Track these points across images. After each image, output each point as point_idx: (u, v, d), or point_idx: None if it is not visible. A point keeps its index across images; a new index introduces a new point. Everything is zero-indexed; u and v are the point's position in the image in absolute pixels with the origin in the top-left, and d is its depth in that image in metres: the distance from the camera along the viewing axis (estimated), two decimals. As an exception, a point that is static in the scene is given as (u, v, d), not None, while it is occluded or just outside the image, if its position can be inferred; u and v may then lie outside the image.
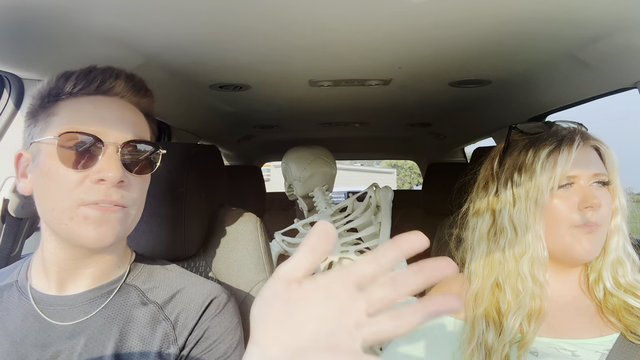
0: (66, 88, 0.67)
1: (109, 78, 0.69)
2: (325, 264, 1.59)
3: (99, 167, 0.64)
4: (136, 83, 0.72)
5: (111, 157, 0.65)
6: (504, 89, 1.30)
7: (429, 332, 0.81)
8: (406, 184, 24.19)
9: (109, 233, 0.65)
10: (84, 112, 0.66)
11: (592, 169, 0.75)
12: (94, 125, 0.65)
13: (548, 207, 0.75)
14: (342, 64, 1.08)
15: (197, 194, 0.97)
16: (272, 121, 1.97)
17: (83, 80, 0.67)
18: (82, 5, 0.70)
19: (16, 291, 0.73)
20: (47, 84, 0.69)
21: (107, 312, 0.72)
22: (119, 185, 0.65)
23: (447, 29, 0.84)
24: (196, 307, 0.75)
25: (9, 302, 0.72)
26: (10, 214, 0.96)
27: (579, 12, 0.76)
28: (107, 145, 0.65)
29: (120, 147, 0.66)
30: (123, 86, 0.70)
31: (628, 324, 0.72)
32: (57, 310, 0.70)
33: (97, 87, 0.68)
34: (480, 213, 0.84)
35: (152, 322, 0.72)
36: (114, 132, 0.66)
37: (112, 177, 0.63)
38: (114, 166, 0.64)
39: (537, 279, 0.75)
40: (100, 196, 0.64)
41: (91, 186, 0.64)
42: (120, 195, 0.66)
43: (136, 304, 0.74)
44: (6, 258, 0.98)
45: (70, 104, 0.67)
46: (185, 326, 0.73)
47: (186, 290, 0.77)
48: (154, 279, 0.78)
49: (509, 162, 0.81)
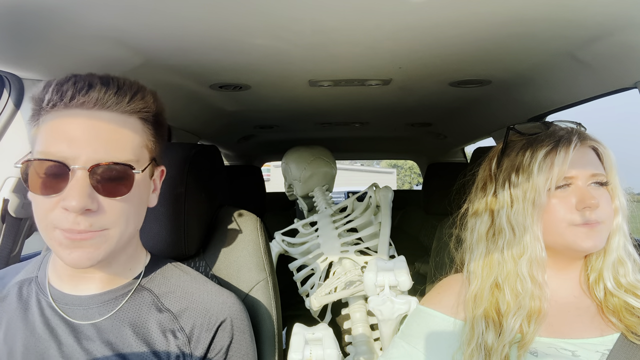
0: (45, 100, 0.64)
1: (82, 89, 0.63)
2: (325, 264, 1.60)
3: (65, 194, 0.61)
4: (121, 88, 0.65)
5: (76, 184, 0.61)
6: (504, 89, 1.30)
7: (429, 333, 0.81)
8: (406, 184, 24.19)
9: (84, 257, 0.63)
10: (57, 133, 0.62)
11: (590, 169, 0.75)
12: (63, 149, 0.61)
13: (546, 208, 0.75)
14: (342, 64, 1.08)
15: (197, 194, 0.97)
16: (272, 121, 1.97)
17: (57, 94, 0.63)
18: (82, 6, 0.70)
19: (35, 286, 0.74)
20: (41, 91, 0.65)
21: (121, 315, 0.72)
22: (87, 213, 0.62)
23: (447, 29, 0.84)
24: (211, 321, 0.75)
25: (28, 297, 0.73)
26: (10, 214, 0.96)
27: (579, 12, 0.76)
28: (73, 170, 0.61)
29: (89, 171, 0.62)
30: (98, 94, 0.63)
31: (629, 324, 0.72)
32: (72, 309, 0.71)
33: (69, 101, 0.62)
34: (478, 214, 0.84)
35: (167, 330, 0.73)
36: (84, 153, 0.62)
37: (74, 206, 0.60)
38: (77, 195, 0.60)
39: (536, 279, 0.75)
40: (69, 225, 0.61)
41: (62, 212, 0.61)
42: (89, 223, 0.62)
43: (151, 309, 0.74)
44: (6, 258, 0.98)
45: (49, 120, 0.64)
46: (199, 340, 0.74)
47: (201, 300, 0.77)
48: (168, 283, 0.79)
49: (506, 162, 0.81)
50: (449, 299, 0.83)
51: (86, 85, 0.63)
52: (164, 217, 0.92)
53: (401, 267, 1.21)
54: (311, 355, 0.99)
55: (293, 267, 1.70)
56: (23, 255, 1.03)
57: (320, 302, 1.41)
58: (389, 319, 1.15)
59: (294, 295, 1.73)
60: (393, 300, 1.15)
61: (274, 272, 1.02)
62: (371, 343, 1.40)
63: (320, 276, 1.58)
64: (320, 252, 1.62)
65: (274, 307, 0.97)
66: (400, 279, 1.17)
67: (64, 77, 0.65)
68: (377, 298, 1.17)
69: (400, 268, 1.20)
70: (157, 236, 0.92)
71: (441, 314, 0.82)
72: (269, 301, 0.97)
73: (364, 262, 1.55)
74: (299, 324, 1.09)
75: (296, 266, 1.69)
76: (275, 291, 1.00)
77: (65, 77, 0.65)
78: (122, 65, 0.96)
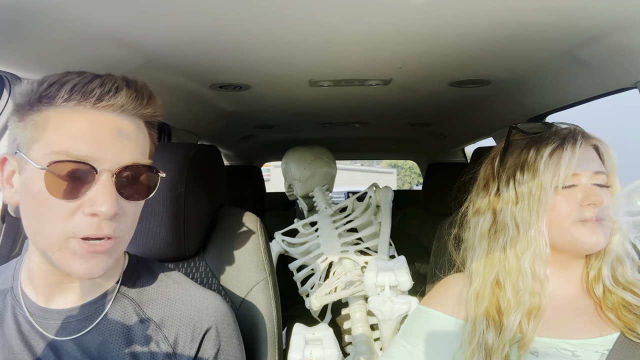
0: (59, 96, 0.59)
1: (108, 92, 0.60)
2: (325, 264, 1.60)
3: (92, 198, 0.58)
4: (139, 92, 0.64)
5: (105, 187, 0.58)
6: (504, 89, 1.31)
7: (430, 332, 0.81)
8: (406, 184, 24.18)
9: (98, 267, 0.61)
10: (76, 133, 0.59)
11: (593, 167, 0.76)
12: (87, 150, 0.58)
13: (551, 205, 0.75)
14: (342, 63, 1.08)
15: (197, 194, 0.97)
16: (272, 121, 1.97)
17: (78, 95, 0.59)
18: (83, 6, 0.70)
19: (10, 299, 0.69)
20: (38, 86, 0.60)
21: (103, 328, 0.68)
22: (113, 218, 0.60)
23: (447, 29, 0.84)
24: (195, 331, 0.72)
25: (4, 310, 0.68)
26: (10, 214, 0.96)
27: (579, 12, 0.76)
28: (100, 172, 0.58)
29: (115, 174, 0.59)
30: (124, 98, 0.61)
31: (627, 322, 0.72)
32: (50, 324, 0.67)
33: (94, 102, 0.60)
34: (480, 212, 0.84)
35: (151, 341, 0.69)
36: (110, 156, 0.59)
37: (105, 212, 0.58)
38: (107, 198, 0.58)
39: (537, 275, 0.75)
40: (92, 231, 0.58)
41: (83, 219, 0.58)
42: (113, 228, 0.60)
43: (133, 319, 0.70)
44: (6, 258, 0.98)
45: (62, 118, 0.59)
46: (184, 350, 0.70)
47: (184, 307, 0.73)
48: (149, 289, 0.74)
49: (510, 161, 0.81)
50: (449, 299, 0.83)
51: (114, 89, 0.61)
52: (164, 217, 0.92)
53: (401, 267, 1.21)
54: (311, 355, 0.99)
55: (293, 267, 1.70)
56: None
57: (320, 302, 1.41)
58: (389, 319, 1.15)
59: (294, 295, 1.73)
60: (393, 300, 1.15)
61: (274, 272, 1.02)
62: (371, 343, 1.40)
63: (320, 276, 1.58)
64: (320, 252, 1.62)
65: (274, 307, 0.97)
66: (400, 279, 1.17)
67: (83, 76, 0.61)
68: (377, 298, 1.17)
69: (401, 268, 1.20)
70: (157, 236, 0.92)
71: (442, 313, 0.82)
72: (269, 301, 0.97)
73: (364, 262, 1.55)
74: (299, 324, 1.09)
75: (296, 266, 1.69)
76: (275, 291, 1.00)
77: (87, 75, 0.61)
78: (122, 66, 0.96)
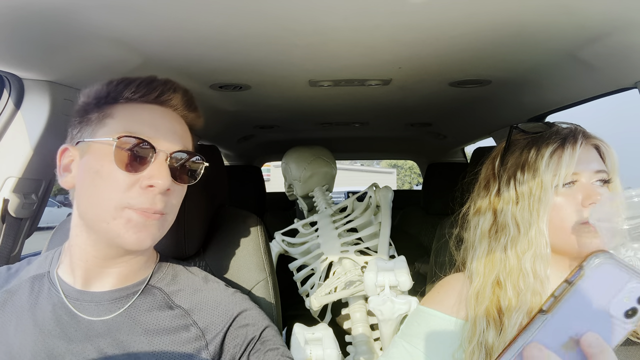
0: (125, 93, 0.70)
1: (168, 90, 0.72)
2: (325, 264, 1.60)
3: (150, 172, 0.67)
4: (189, 98, 0.76)
5: (161, 165, 0.67)
6: (504, 89, 1.30)
7: (430, 332, 0.81)
8: (406, 184, 24.19)
9: (148, 238, 0.68)
10: (141, 119, 0.69)
11: (594, 167, 0.76)
12: (149, 133, 0.68)
13: (552, 205, 0.75)
14: (342, 63, 1.08)
15: (197, 194, 0.97)
16: (272, 121, 1.97)
17: (144, 89, 0.71)
18: (83, 6, 0.71)
19: (47, 282, 0.75)
20: (106, 87, 0.71)
21: (132, 312, 0.73)
22: (165, 193, 0.68)
23: (447, 29, 0.84)
24: (227, 315, 0.77)
25: (39, 292, 0.74)
26: (10, 214, 0.96)
27: (579, 12, 0.76)
28: (158, 152, 0.68)
29: (169, 156, 0.69)
30: (179, 100, 0.74)
31: None
32: (83, 305, 0.72)
33: (156, 97, 0.71)
34: (481, 212, 0.84)
35: (179, 327, 0.74)
36: (165, 141, 0.69)
37: (161, 184, 0.66)
38: (164, 173, 0.67)
39: (538, 274, 0.75)
40: (147, 204, 0.66)
41: (140, 192, 0.66)
42: (164, 204, 0.68)
43: (162, 306, 0.75)
44: (6, 258, 0.98)
45: (128, 108, 0.70)
46: (215, 332, 0.75)
47: (212, 296, 0.79)
48: (178, 282, 0.80)
49: (511, 160, 0.81)
50: (449, 299, 0.83)
51: (172, 89, 0.73)
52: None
53: (401, 267, 1.21)
54: (311, 355, 1.00)
55: (293, 267, 1.70)
56: (23, 255, 1.03)
57: (320, 302, 1.41)
58: (389, 319, 1.15)
59: (294, 295, 1.73)
60: (393, 300, 1.15)
61: (274, 272, 1.02)
62: (371, 343, 1.40)
63: (320, 276, 1.58)
64: (320, 252, 1.62)
65: (274, 307, 0.97)
66: (400, 279, 1.17)
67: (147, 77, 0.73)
68: (377, 298, 1.17)
69: (401, 268, 1.20)
70: (157, 236, 0.92)
71: (442, 313, 0.82)
72: (269, 301, 0.97)
73: (364, 262, 1.55)
74: (299, 324, 1.09)
75: (296, 266, 1.69)
76: (275, 291, 1.00)
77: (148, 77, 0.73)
78: (122, 65, 0.96)
